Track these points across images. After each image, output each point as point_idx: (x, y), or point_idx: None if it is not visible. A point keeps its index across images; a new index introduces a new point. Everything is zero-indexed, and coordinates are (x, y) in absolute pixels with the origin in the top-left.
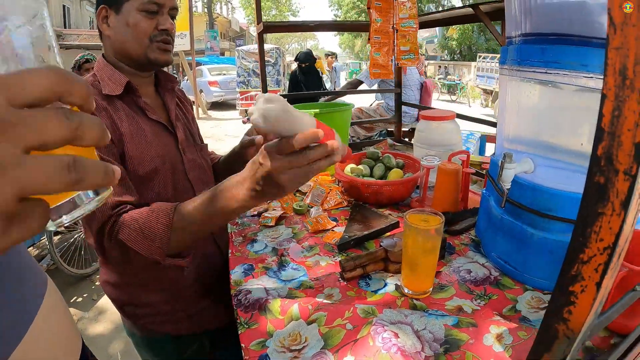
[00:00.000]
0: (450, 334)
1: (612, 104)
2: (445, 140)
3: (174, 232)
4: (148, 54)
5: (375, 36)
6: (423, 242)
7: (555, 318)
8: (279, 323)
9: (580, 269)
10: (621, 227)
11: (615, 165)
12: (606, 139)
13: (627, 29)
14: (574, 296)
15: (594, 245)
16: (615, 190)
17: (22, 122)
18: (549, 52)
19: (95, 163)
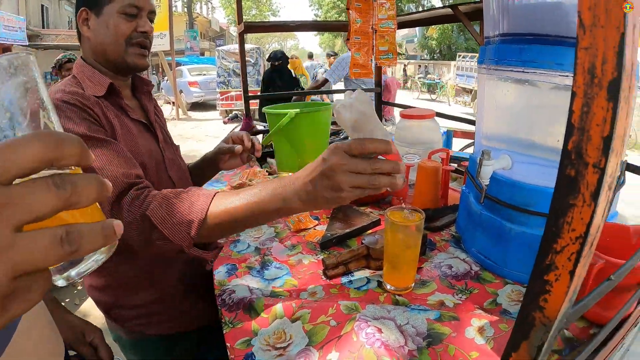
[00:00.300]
0: (432, 327)
1: (582, 101)
2: (425, 139)
3: (209, 220)
4: (126, 57)
5: (355, 37)
6: (404, 239)
7: (532, 306)
8: (264, 322)
9: (554, 259)
10: (592, 217)
11: (585, 159)
12: (576, 134)
13: (595, 30)
14: (549, 285)
15: (567, 235)
16: (585, 182)
17: (12, 201)
18: (526, 52)
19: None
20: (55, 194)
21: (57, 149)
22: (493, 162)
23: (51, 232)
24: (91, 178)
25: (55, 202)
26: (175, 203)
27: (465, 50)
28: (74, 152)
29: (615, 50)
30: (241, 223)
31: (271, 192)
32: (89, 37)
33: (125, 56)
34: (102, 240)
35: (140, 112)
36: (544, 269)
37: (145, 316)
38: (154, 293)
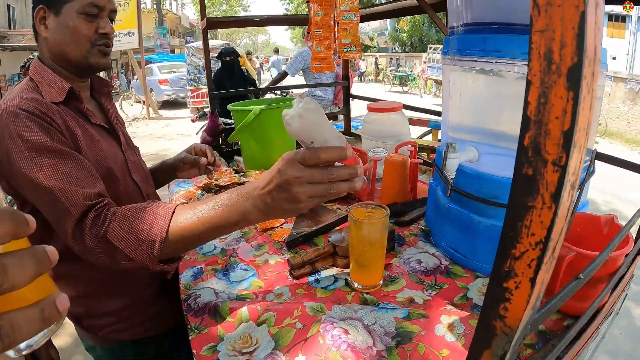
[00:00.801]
0: (401, 326)
1: (538, 91)
2: (393, 132)
3: (170, 237)
4: (89, 58)
5: (316, 30)
6: (369, 236)
7: (492, 314)
8: (229, 326)
9: (513, 265)
10: (553, 220)
11: (543, 156)
12: (533, 127)
13: (551, 9)
14: (509, 292)
15: (526, 240)
16: (544, 182)
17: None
18: (490, 42)
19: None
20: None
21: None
22: (459, 155)
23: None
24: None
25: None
26: (135, 223)
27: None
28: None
29: (574, 31)
30: (203, 238)
31: (230, 205)
32: (47, 38)
33: (88, 57)
34: (41, 324)
35: (101, 114)
36: (503, 276)
37: (118, 322)
38: (125, 299)
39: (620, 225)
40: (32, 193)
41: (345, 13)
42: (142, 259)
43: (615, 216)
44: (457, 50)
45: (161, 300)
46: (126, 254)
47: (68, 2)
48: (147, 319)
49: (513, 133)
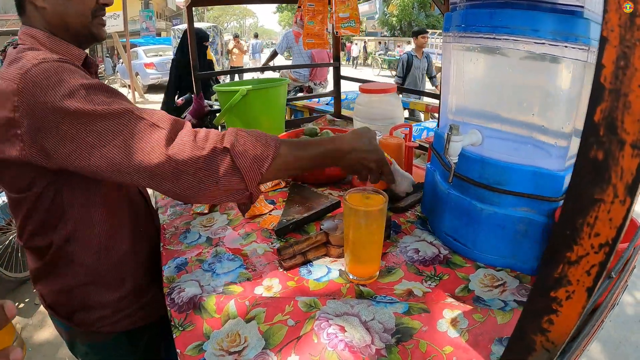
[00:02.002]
0: (401, 322)
1: (616, 51)
2: (386, 114)
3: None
4: (90, 28)
5: (309, 3)
6: (366, 225)
7: (532, 327)
8: (216, 322)
9: (566, 271)
10: (625, 217)
11: (620, 135)
12: (607, 98)
13: None
14: (557, 303)
15: (587, 242)
16: (618, 169)
17: None
18: (497, 17)
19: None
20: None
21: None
22: (462, 138)
23: None
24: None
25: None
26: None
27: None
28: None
29: None
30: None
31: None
32: (45, 7)
33: (90, 27)
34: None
35: None
36: (552, 283)
37: (114, 313)
38: (123, 289)
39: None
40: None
41: None
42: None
43: None
44: (461, 27)
45: (154, 288)
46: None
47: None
48: (140, 308)
49: (518, 116)
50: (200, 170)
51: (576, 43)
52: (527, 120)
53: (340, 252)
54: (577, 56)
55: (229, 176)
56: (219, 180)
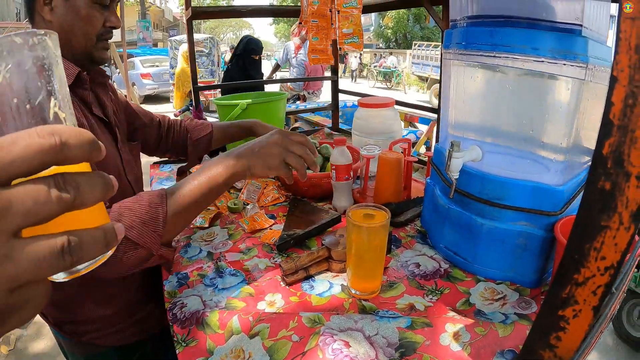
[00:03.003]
0: (404, 337)
1: (625, 90)
2: (385, 128)
3: (170, 210)
4: (93, 52)
5: (312, 19)
6: (368, 241)
7: (540, 343)
8: (219, 338)
9: (573, 291)
10: (629, 243)
11: (626, 168)
12: (615, 134)
13: None
14: (565, 321)
15: (593, 265)
16: (624, 199)
17: (7, 209)
18: (497, 35)
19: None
20: (57, 197)
21: (62, 149)
22: (463, 154)
23: (51, 241)
24: (96, 178)
25: (56, 206)
26: (137, 209)
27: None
28: (81, 153)
29: None
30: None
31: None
32: (51, 21)
33: (92, 51)
34: (103, 248)
35: (98, 107)
36: (560, 302)
37: (102, 329)
38: (113, 306)
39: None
40: None
41: (347, 1)
42: (148, 242)
43: None
44: (461, 44)
45: (147, 306)
46: (133, 241)
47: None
48: (132, 325)
49: (517, 132)
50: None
51: (574, 61)
52: (526, 135)
53: (342, 267)
54: (575, 74)
55: (130, 251)
56: (121, 260)
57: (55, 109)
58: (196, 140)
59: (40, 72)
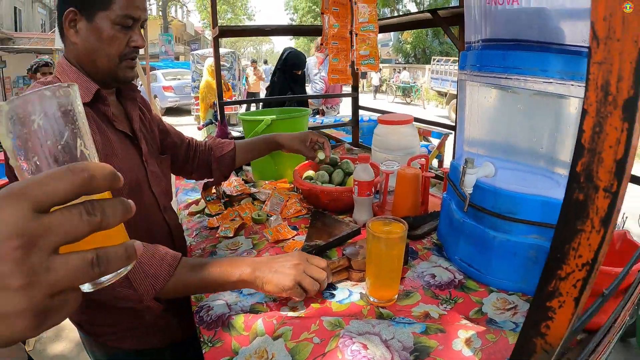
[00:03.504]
0: (419, 341)
1: (593, 120)
2: (403, 144)
3: (172, 280)
4: (117, 72)
5: (333, 42)
6: (387, 251)
7: (533, 332)
8: (244, 339)
9: (558, 285)
10: (600, 244)
11: (595, 182)
12: (586, 155)
13: (611, 43)
14: (552, 311)
15: (573, 262)
16: (595, 207)
17: (48, 231)
18: (509, 58)
19: (117, 251)
20: (87, 220)
21: (90, 182)
22: (477, 170)
23: (83, 256)
24: (117, 203)
25: (87, 227)
26: (145, 259)
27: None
28: (105, 184)
29: (632, 65)
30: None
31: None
32: (76, 42)
33: (117, 70)
34: (125, 261)
35: (125, 120)
36: (547, 295)
37: (118, 332)
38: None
39: (632, 241)
40: None
41: (364, 24)
42: (141, 290)
43: (628, 231)
44: (476, 66)
45: (166, 316)
46: (131, 282)
47: (103, 10)
48: (149, 333)
49: (529, 149)
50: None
51: (582, 82)
52: (537, 152)
53: (362, 276)
54: (582, 94)
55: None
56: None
57: (81, 148)
58: (219, 157)
59: (66, 118)
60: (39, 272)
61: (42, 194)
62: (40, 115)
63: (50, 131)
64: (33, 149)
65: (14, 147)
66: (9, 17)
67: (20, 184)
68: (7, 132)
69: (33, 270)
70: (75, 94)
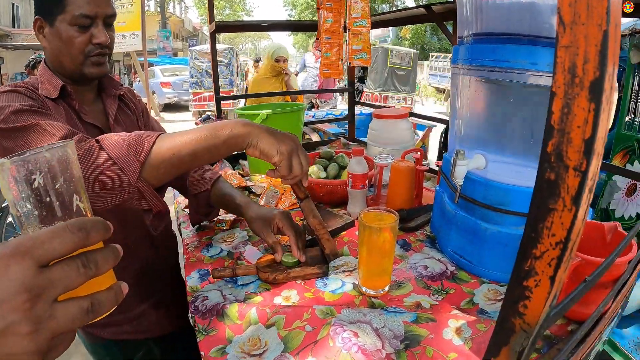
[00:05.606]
0: (409, 330)
1: (562, 102)
2: (398, 138)
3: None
4: (83, 69)
5: (325, 36)
6: (378, 240)
7: (511, 312)
8: (238, 328)
9: (533, 264)
10: (573, 221)
11: (565, 162)
12: (556, 136)
13: (576, 27)
14: (529, 290)
15: (547, 240)
16: (565, 186)
17: (50, 284)
18: (499, 52)
19: (108, 296)
20: (84, 272)
21: (86, 239)
22: (467, 162)
23: (80, 304)
24: (108, 252)
25: (83, 278)
26: (127, 136)
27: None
28: (98, 238)
29: (597, 48)
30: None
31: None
32: (46, 47)
33: (82, 68)
34: (114, 303)
35: (100, 115)
36: (524, 275)
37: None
38: None
39: (623, 233)
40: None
41: (356, 19)
42: (125, 165)
43: (619, 224)
44: (467, 60)
45: (143, 305)
46: (111, 157)
47: (60, 14)
48: (127, 322)
49: (519, 142)
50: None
51: None
52: (527, 145)
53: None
54: None
55: (108, 170)
56: (98, 176)
57: (77, 202)
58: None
59: (63, 175)
60: (43, 319)
61: (45, 252)
62: (41, 174)
63: (49, 188)
64: (33, 203)
65: (15, 199)
66: (7, 14)
67: (25, 242)
68: (8, 186)
69: (38, 318)
70: (73, 152)
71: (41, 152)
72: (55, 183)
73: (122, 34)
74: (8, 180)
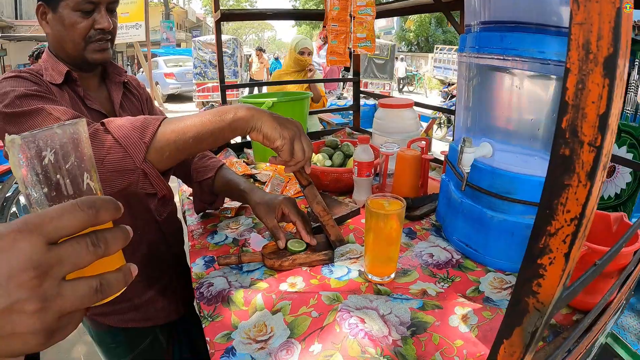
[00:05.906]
0: (416, 316)
1: (576, 78)
2: (404, 128)
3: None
4: (85, 55)
5: (332, 24)
6: (385, 227)
7: (525, 291)
8: (244, 314)
9: (548, 241)
10: (587, 197)
11: (580, 137)
12: (570, 111)
13: (590, 4)
14: (543, 269)
15: (561, 217)
16: (580, 161)
17: (59, 262)
18: (507, 40)
19: (117, 277)
20: (93, 251)
21: (96, 217)
22: (474, 150)
23: (89, 283)
24: (118, 232)
25: (93, 257)
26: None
27: (442, 43)
28: (108, 217)
29: (611, 25)
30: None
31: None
32: (48, 33)
33: (84, 53)
34: (123, 284)
35: (106, 102)
36: (538, 252)
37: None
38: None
39: (629, 223)
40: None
41: (361, 7)
42: (130, 146)
43: (625, 214)
44: (474, 48)
45: (149, 292)
46: (116, 139)
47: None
48: (133, 309)
49: (526, 131)
50: None
51: None
52: (535, 133)
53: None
54: None
55: (113, 153)
56: (103, 159)
57: (88, 180)
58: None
59: (75, 153)
60: (51, 298)
61: (54, 228)
62: (52, 151)
63: (59, 166)
64: (43, 181)
65: (24, 177)
66: (10, 5)
67: (34, 219)
68: (19, 163)
69: (46, 296)
70: (84, 130)
71: (52, 129)
72: (67, 161)
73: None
74: (18, 157)
